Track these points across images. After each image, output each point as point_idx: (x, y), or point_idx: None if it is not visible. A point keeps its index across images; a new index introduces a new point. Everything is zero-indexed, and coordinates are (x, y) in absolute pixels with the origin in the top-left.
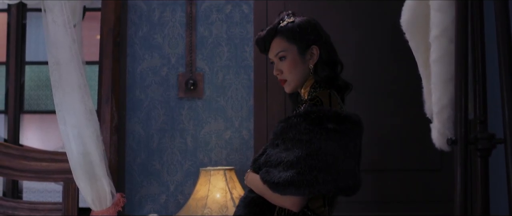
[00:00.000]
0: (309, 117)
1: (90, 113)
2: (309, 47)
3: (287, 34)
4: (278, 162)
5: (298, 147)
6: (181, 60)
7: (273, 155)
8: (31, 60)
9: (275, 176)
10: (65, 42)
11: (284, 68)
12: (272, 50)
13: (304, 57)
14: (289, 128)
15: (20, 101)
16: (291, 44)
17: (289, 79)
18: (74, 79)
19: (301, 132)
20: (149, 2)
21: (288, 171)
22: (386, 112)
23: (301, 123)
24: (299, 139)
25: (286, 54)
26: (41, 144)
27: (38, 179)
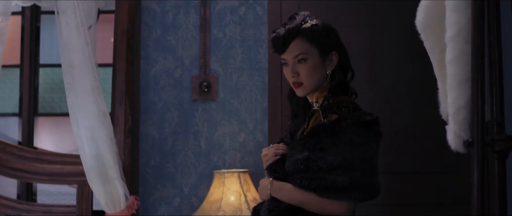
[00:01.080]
0: (362, 121)
1: (104, 116)
2: (330, 52)
3: (311, 36)
4: (333, 166)
5: (357, 151)
6: (194, 62)
7: (320, 159)
8: (45, 63)
9: (330, 180)
10: (78, 44)
11: (302, 71)
12: (292, 51)
13: (324, 62)
14: (342, 131)
15: (34, 104)
16: (313, 47)
17: (306, 83)
18: (87, 81)
19: (358, 135)
20: (163, 4)
21: (351, 174)
22: (401, 113)
23: (355, 127)
24: (357, 143)
25: (307, 57)
26: (55, 146)
27: (52, 181)
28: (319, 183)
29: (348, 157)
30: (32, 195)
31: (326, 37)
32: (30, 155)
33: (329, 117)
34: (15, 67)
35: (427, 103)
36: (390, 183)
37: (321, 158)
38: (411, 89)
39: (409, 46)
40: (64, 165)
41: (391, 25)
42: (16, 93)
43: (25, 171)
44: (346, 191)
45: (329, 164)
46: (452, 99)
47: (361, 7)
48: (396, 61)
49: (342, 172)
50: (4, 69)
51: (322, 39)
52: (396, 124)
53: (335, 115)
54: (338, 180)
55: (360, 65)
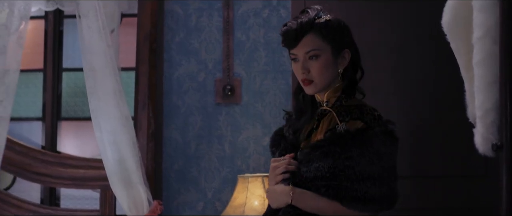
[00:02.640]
0: (389, 130)
1: (126, 120)
2: (342, 50)
3: (325, 32)
4: (363, 177)
5: (385, 161)
6: (218, 65)
7: (347, 168)
8: (68, 67)
9: (360, 191)
10: (100, 47)
11: (313, 68)
12: (303, 46)
13: (336, 60)
14: (370, 141)
15: (58, 108)
16: (326, 44)
17: (317, 81)
18: (109, 85)
19: (385, 145)
20: (186, 7)
21: (380, 186)
22: (427, 116)
23: (382, 136)
24: (384, 153)
25: (319, 54)
26: (78, 151)
27: (75, 186)
28: (347, 193)
29: (376, 168)
30: (56, 200)
31: (340, 34)
32: (53, 160)
33: (351, 123)
34: (38, 72)
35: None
36: (416, 187)
37: (348, 167)
38: (437, 91)
39: (435, 47)
40: (87, 170)
41: (416, 26)
42: (40, 98)
43: (48, 175)
44: (374, 204)
45: (359, 175)
46: (480, 101)
47: (386, 7)
48: (422, 63)
49: (371, 184)
50: (28, 74)
51: (336, 36)
52: (422, 127)
53: (360, 122)
54: (369, 192)
55: (384, 67)
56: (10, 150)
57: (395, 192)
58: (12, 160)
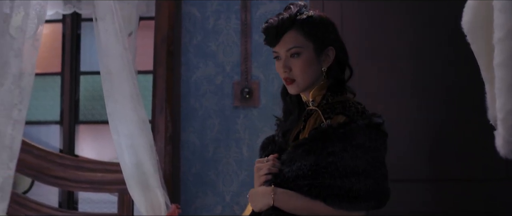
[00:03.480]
0: (374, 123)
1: (143, 123)
2: (326, 47)
3: (306, 29)
4: (346, 173)
5: (370, 156)
6: (236, 68)
7: (330, 164)
8: (86, 70)
9: (343, 189)
10: (117, 51)
11: (295, 67)
12: (284, 43)
13: (319, 57)
14: (353, 134)
15: (75, 112)
16: (308, 41)
17: (299, 80)
18: (126, 88)
19: (371, 139)
20: (203, 10)
21: (365, 182)
22: (446, 119)
23: (367, 129)
24: (369, 147)
25: (300, 51)
26: (96, 154)
27: (93, 189)
28: (330, 191)
29: (361, 163)
30: (74, 203)
31: (323, 30)
32: (71, 163)
33: (334, 118)
34: (56, 75)
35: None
36: (436, 191)
37: (331, 164)
38: (457, 93)
39: (454, 48)
40: (105, 173)
41: (435, 26)
42: (57, 101)
43: (66, 179)
44: (360, 201)
45: (342, 171)
46: (501, 104)
47: (405, 8)
48: (441, 64)
49: (355, 180)
50: (46, 77)
51: (318, 33)
52: (442, 130)
53: (343, 116)
54: (353, 188)
55: (402, 69)
56: (28, 154)
57: (383, 188)
58: (30, 164)
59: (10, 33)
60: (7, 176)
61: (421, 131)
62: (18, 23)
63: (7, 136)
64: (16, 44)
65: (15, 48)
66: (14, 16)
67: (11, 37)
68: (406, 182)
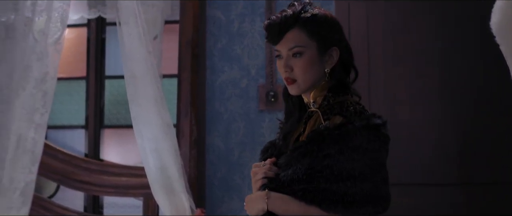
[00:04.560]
0: (371, 124)
1: (167, 127)
2: (329, 47)
3: (310, 28)
4: (342, 177)
5: (368, 158)
6: (261, 71)
7: (325, 168)
8: (110, 75)
9: (338, 193)
10: (141, 54)
11: (296, 67)
12: (287, 42)
13: (322, 58)
14: (350, 136)
15: (100, 116)
16: (311, 40)
17: (300, 80)
18: (150, 92)
19: (369, 140)
20: (228, 13)
21: (361, 186)
22: (475, 121)
23: (364, 131)
24: (366, 149)
25: (303, 51)
26: (121, 159)
27: (118, 194)
28: (325, 196)
29: (357, 165)
30: (99, 208)
31: (327, 30)
32: (96, 168)
33: (331, 119)
34: (81, 79)
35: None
36: (464, 195)
37: (326, 167)
38: (485, 95)
39: (483, 49)
40: (129, 178)
41: (463, 28)
42: (83, 106)
43: (91, 183)
44: (357, 205)
45: (338, 175)
46: None
47: (432, 9)
48: (469, 66)
49: (351, 183)
50: (71, 82)
51: (322, 32)
52: (469, 133)
53: (340, 117)
54: (348, 192)
55: (429, 71)
56: (53, 158)
57: (383, 192)
58: (55, 168)
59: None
60: (30, 180)
61: (449, 135)
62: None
63: (29, 140)
64: (39, 48)
65: (37, 51)
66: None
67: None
68: (434, 186)
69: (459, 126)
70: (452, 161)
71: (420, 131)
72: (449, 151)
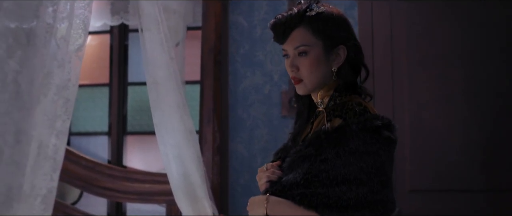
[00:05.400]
0: (368, 126)
1: (190, 133)
2: (336, 46)
3: (315, 26)
4: (337, 181)
5: (364, 162)
6: (284, 77)
7: (322, 172)
8: (133, 81)
9: (333, 198)
10: (163, 61)
11: (302, 66)
12: (292, 41)
13: (328, 56)
14: (346, 139)
15: (123, 123)
16: (317, 39)
17: (307, 80)
18: (173, 98)
19: (366, 143)
20: (250, 19)
21: (356, 190)
22: (500, 125)
23: (361, 133)
24: (363, 152)
25: (309, 50)
26: (144, 165)
27: (141, 200)
28: (321, 200)
29: (353, 169)
30: (122, 214)
31: (334, 28)
32: (119, 174)
33: (332, 121)
34: (104, 86)
35: None
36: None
37: (323, 171)
38: (511, 99)
39: (507, 53)
40: (153, 184)
41: (488, 31)
42: (106, 112)
43: (114, 190)
44: (352, 210)
45: (333, 179)
46: None
47: (456, 12)
48: (493, 70)
49: (347, 188)
50: (94, 88)
51: (328, 30)
52: (495, 139)
53: (339, 119)
54: (343, 197)
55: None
56: (77, 165)
57: (381, 196)
58: (79, 175)
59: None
60: (51, 187)
61: (473, 140)
62: (62, 33)
63: (51, 146)
64: (60, 55)
65: (59, 58)
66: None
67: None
68: (458, 192)
69: (484, 130)
70: (478, 166)
71: (445, 136)
72: (475, 156)
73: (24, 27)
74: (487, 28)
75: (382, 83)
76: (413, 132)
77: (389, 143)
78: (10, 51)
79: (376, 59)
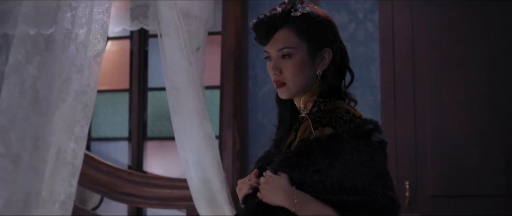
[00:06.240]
0: (359, 132)
1: (210, 139)
2: (321, 48)
3: (300, 28)
4: (334, 191)
5: (359, 171)
6: None
7: (317, 183)
8: (153, 86)
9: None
10: (182, 66)
11: (286, 69)
12: (275, 43)
13: (313, 59)
14: (338, 149)
15: (143, 128)
16: (301, 41)
17: (290, 84)
18: (192, 103)
19: (358, 151)
20: None
21: (355, 197)
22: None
23: (353, 141)
24: (357, 162)
25: (292, 52)
26: (164, 171)
27: (161, 206)
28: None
29: (347, 181)
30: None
31: (319, 30)
32: (140, 180)
33: (320, 130)
34: (124, 91)
35: None
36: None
37: (318, 182)
38: None
39: None
40: (173, 190)
41: (510, 35)
42: (126, 118)
43: (134, 195)
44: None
45: (330, 189)
46: None
47: (477, 16)
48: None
49: (346, 195)
50: (114, 94)
51: (313, 32)
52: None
53: (329, 128)
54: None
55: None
56: (97, 171)
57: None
58: (99, 181)
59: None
60: (69, 193)
61: (496, 144)
62: (81, 38)
63: (69, 152)
64: (79, 60)
65: (77, 64)
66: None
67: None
68: (480, 197)
69: (507, 135)
70: (500, 171)
71: (467, 140)
72: (497, 161)
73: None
74: (508, 33)
75: (403, 87)
76: (435, 136)
77: (381, 146)
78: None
79: (397, 63)
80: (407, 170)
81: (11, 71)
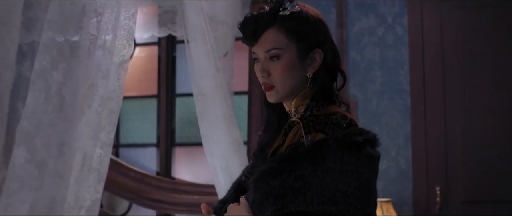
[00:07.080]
0: (348, 142)
1: (237, 144)
2: (311, 49)
3: (289, 27)
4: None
5: (341, 181)
6: None
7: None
8: (181, 92)
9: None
10: (209, 71)
11: (274, 71)
12: (263, 43)
13: (303, 61)
14: (323, 156)
15: (172, 134)
16: (290, 42)
17: (279, 87)
18: (219, 109)
19: (343, 161)
20: None
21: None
22: None
23: (339, 150)
24: (340, 171)
25: (281, 54)
26: (192, 177)
27: (189, 212)
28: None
29: (328, 189)
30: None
31: (309, 30)
32: (168, 186)
33: (313, 136)
34: (152, 97)
35: None
36: None
37: (298, 190)
38: None
39: None
40: (201, 196)
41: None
42: (154, 124)
43: (163, 201)
44: None
45: (309, 201)
46: None
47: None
48: None
49: (322, 208)
50: (142, 100)
51: (302, 32)
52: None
53: (321, 134)
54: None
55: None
56: (125, 177)
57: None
58: (127, 187)
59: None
60: (95, 199)
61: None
62: (107, 44)
63: (95, 158)
64: (104, 66)
65: (103, 69)
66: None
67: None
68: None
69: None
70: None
71: (498, 145)
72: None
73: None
74: None
75: (433, 91)
76: (465, 141)
77: (371, 160)
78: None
79: (426, 66)
80: (438, 175)
81: (37, 77)
